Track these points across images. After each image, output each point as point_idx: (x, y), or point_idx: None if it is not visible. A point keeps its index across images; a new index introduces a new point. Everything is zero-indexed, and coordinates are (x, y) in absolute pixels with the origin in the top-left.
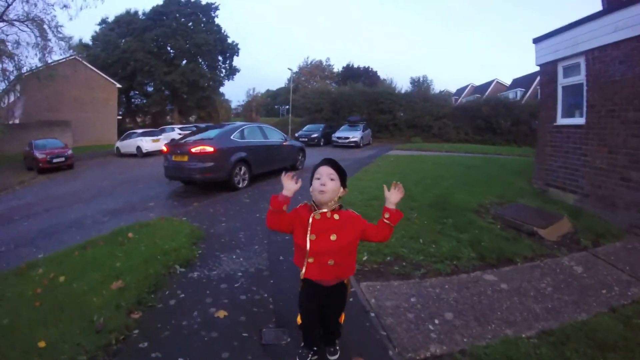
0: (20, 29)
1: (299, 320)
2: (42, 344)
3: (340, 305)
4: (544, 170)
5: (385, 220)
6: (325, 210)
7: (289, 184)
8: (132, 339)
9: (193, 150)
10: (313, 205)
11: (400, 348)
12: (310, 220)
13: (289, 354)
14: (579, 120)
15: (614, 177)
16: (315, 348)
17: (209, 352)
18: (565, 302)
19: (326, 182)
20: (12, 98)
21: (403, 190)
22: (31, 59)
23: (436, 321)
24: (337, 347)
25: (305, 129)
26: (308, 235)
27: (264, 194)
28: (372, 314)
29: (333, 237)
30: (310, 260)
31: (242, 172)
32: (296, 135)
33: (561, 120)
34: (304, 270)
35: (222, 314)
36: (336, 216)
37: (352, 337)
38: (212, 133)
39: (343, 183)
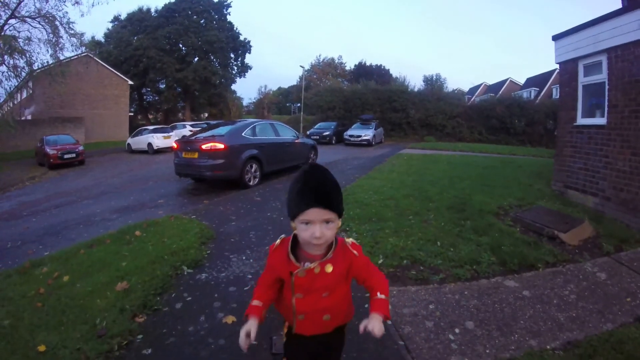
0: (32, 26)
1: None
2: (42, 348)
3: (337, 356)
4: (564, 172)
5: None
6: (312, 265)
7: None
8: (135, 344)
9: (203, 147)
10: (290, 251)
11: None
12: (293, 279)
13: None
14: (600, 121)
15: (637, 181)
16: None
17: None
18: (590, 310)
19: (322, 234)
20: (24, 95)
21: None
22: (43, 56)
23: (456, 330)
24: None
25: (317, 126)
26: (293, 295)
27: (275, 192)
28: (389, 322)
29: (325, 295)
30: (301, 317)
31: (253, 170)
32: (308, 133)
33: (581, 120)
34: (294, 327)
35: (230, 319)
36: (329, 268)
37: (368, 347)
38: (223, 130)
39: (341, 214)
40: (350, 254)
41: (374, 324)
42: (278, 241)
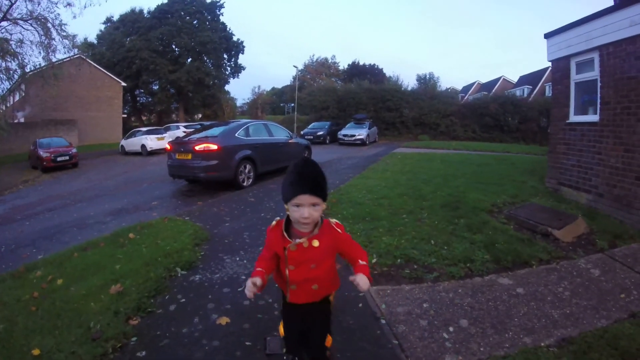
0: (24, 28)
1: (281, 330)
2: (36, 352)
3: (325, 324)
4: (557, 169)
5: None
6: (301, 240)
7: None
8: (129, 347)
9: (197, 148)
10: (284, 229)
11: (413, 359)
12: (286, 253)
13: None
14: (593, 118)
15: (630, 177)
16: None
17: None
18: (584, 307)
19: (310, 214)
20: (17, 98)
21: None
22: (35, 58)
23: (451, 329)
24: None
25: (311, 126)
26: (287, 267)
27: (269, 193)
28: (383, 321)
29: (313, 266)
30: (293, 287)
31: (247, 171)
32: (302, 132)
33: (574, 118)
34: (288, 296)
35: (224, 320)
36: (316, 243)
37: (362, 346)
38: (216, 131)
39: (325, 198)
40: (335, 232)
41: (360, 278)
42: (274, 222)
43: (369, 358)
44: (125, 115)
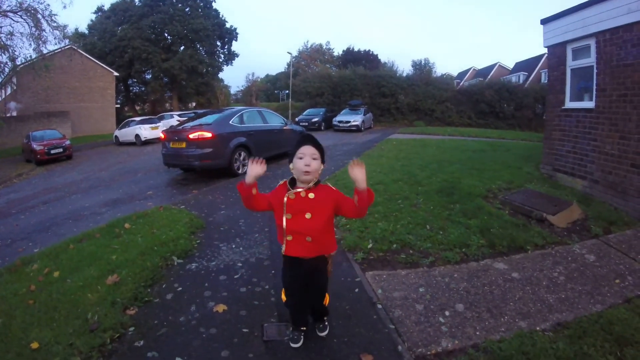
0: (13, 20)
1: (283, 296)
2: (35, 345)
3: (322, 283)
4: (552, 155)
5: (355, 203)
6: (299, 189)
7: (252, 169)
8: (127, 337)
9: (191, 136)
10: (288, 184)
11: (410, 343)
12: (285, 200)
13: (292, 351)
14: (589, 104)
15: (625, 164)
16: (303, 328)
17: (207, 351)
18: (579, 292)
19: (310, 163)
20: (9, 91)
21: (362, 164)
22: (26, 50)
23: (447, 313)
24: (326, 324)
25: (305, 113)
26: (284, 215)
27: (265, 180)
28: (380, 306)
29: (308, 216)
30: (289, 237)
31: (241, 158)
32: (297, 119)
33: (570, 104)
34: (284, 247)
35: (221, 308)
36: (311, 195)
37: (359, 332)
38: (210, 118)
39: (322, 159)
40: (330, 189)
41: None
42: (281, 182)
43: (365, 343)
44: (119, 106)
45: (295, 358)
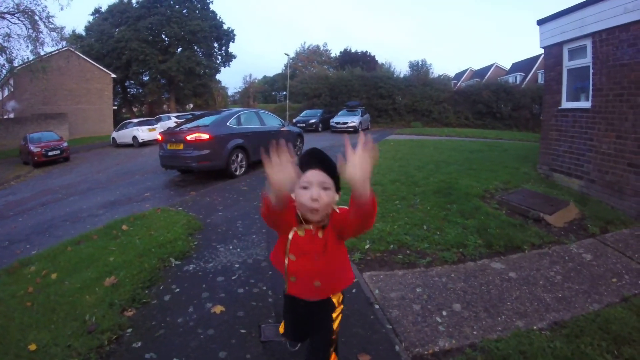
0: (11, 22)
1: (281, 329)
2: (33, 347)
3: (328, 335)
4: (549, 155)
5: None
6: (311, 227)
7: (283, 172)
8: (125, 338)
9: (188, 138)
10: (298, 214)
11: (407, 343)
12: (291, 236)
13: (289, 352)
14: (585, 104)
15: (622, 163)
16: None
17: (205, 352)
18: (576, 291)
19: (319, 196)
20: (6, 93)
21: (372, 148)
22: (23, 52)
23: (444, 313)
24: None
25: (303, 114)
26: (287, 256)
27: (262, 181)
28: (377, 306)
29: (318, 258)
30: (293, 279)
31: (239, 159)
32: (294, 120)
33: (566, 104)
34: (286, 287)
35: (218, 309)
36: (320, 233)
37: (356, 332)
38: (207, 120)
39: (338, 186)
40: (334, 213)
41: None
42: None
43: (363, 343)
44: (116, 107)
45: (293, 359)
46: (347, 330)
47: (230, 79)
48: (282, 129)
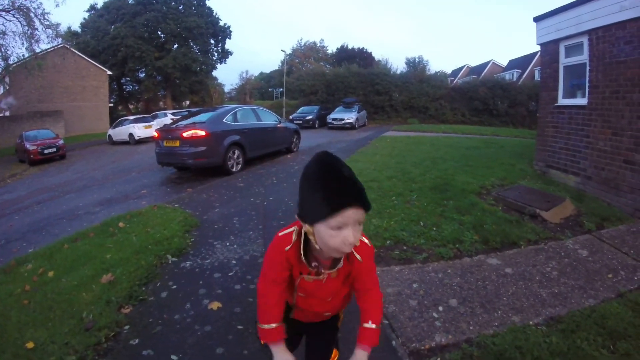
0: (6, 19)
1: None
2: (30, 345)
3: (332, 340)
4: (545, 152)
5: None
6: (321, 277)
7: None
8: (122, 335)
9: (184, 134)
10: (302, 254)
11: (403, 338)
12: (298, 281)
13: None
14: (581, 101)
15: (618, 160)
16: None
17: (202, 348)
18: (572, 287)
19: (356, 238)
20: (1, 91)
21: None
22: (18, 49)
23: (440, 308)
24: None
25: (299, 111)
26: (295, 292)
27: (259, 178)
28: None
29: (329, 300)
30: (299, 309)
31: (235, 156)
32: (291, 117)
33: (563, 101)
34: (293, 312)
35: (216, 305)
36: (334, 274)
37: (352, 327)
38: (203, 117)
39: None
40: (354, 258)
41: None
42: (294, 236)
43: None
44: (112, 105)
45: None
46: (343, 325)
47: (227, 75)
48: (278, 126)
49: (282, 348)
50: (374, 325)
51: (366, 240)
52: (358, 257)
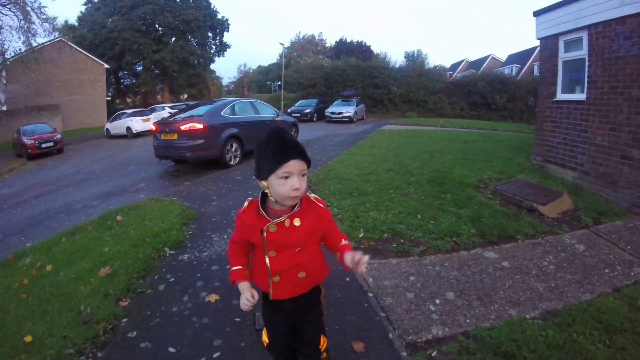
0: (2, 13)
1: (265, 338)
2: (29, 339)
3: (318, 321)
4: (543, 146)
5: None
6: (282, 218)
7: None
8: (120, 328)
9: (182, 127)
10: (260, 208)
11: (400, 330)
12: (265, 235)
13: None
14: (580, 96)
15: (616, 155)
16: None
17: (200, 340)
18: (569, 281)
19: (301, 184)
20: None
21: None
22: (15, 43)
23: (437, 301)
24: None
25: (298, 104)
26: (266, 254)
27: (250, 177)
28: (371, 294)
29: (298, 250)
30: (276, 279)
31: (233, 149)
32: (289, 110)
33: (561, 96)
34: (270, 292)
35: (213, 298)
36: (297, 221)
37: (350, 319)
38: (201, 110)
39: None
40: (316, 207)
41: (354, 256)
42: (245, 204)
43: (357, 330)
44: (110, 98)
45: None
46: (340, 317)
47: (225, 68)
48: (276, 119)
49: (246, 285)
50: (346, 242)
51: (314, 195)
52: (320, 204)
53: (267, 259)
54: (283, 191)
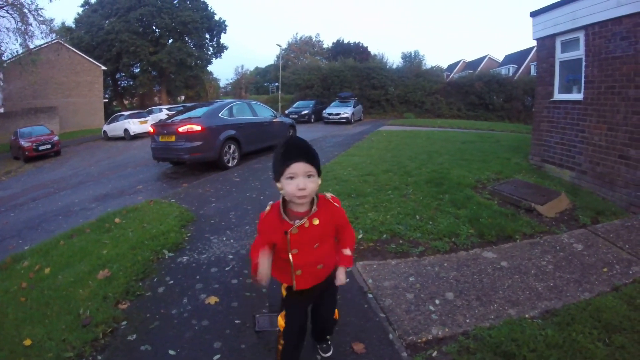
0: None
1: (281, 321)
2: (27, 342)
3: (333, 299)
4: (541, 147)
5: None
6: (302, 222)
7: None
8: (120, 331)
9: (180, 129)
10: (282, 211)
11: (400, 331)
12: (288, 237)
13: None
14: (577, 96)
15: (613, 155)
16: None
17: (200, 342)
18: (567, 280)
19: (305, 185)
20: None
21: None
22: (12, 45)
23: (437, 301)
24: (330, 343)
25: (295, 105)
26: (289, 252)
27: (254, 172)
28: (370, 295)
29: (316, 246)
30: (298, 272)
31: (231, 151)
32: (286, 112)
33: (558, 96)
34: (294, 284)
35: (213, 300)
36: (316, 221)
37: (350, 321)
38: (199, 111)
39: (319, 172)
40: (331, 205)
41: (339, 277)
42: (268, 207)
43: (356, 331)
44: (107, 100)
45: None
46: (340, 318)
47: (222, 70)
48: (274, 120)
49: (266, 263)
50: (349, 252)
51: (331, 194)
52: (335, 204)
53: (290, 256)
54: (290, 190)
